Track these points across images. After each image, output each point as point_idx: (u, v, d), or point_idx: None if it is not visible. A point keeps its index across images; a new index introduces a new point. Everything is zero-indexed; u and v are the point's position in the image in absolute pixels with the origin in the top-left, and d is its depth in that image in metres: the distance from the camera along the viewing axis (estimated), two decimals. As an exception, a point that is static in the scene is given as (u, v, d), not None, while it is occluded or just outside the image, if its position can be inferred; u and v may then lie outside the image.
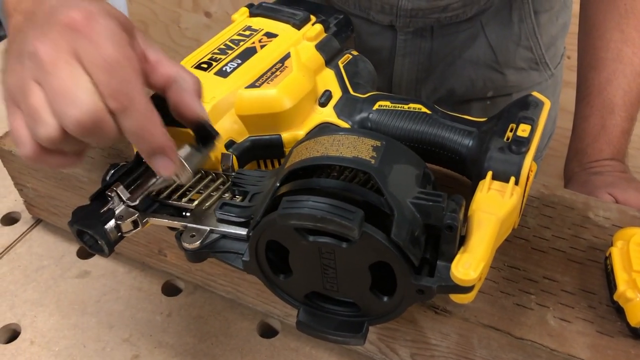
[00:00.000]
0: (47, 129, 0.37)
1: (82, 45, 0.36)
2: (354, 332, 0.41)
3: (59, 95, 0.36)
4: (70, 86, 0.36)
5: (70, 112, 0.36)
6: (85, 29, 0.36)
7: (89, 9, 0.37)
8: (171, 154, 0.40)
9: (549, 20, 0.74)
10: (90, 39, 0.36)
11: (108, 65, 0.36)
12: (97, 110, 0.36)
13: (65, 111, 0.36)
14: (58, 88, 0.36)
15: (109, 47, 0.36)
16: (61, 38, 0.36)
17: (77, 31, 0.36)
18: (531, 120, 0.44)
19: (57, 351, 0.55)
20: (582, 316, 0.43)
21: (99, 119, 0.36)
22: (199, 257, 0.43)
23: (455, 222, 0.36)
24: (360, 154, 0.38)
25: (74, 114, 0.35)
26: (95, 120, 0.36)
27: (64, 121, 0.36)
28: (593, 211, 0.51)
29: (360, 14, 0.71)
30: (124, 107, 0.36)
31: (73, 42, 0.36)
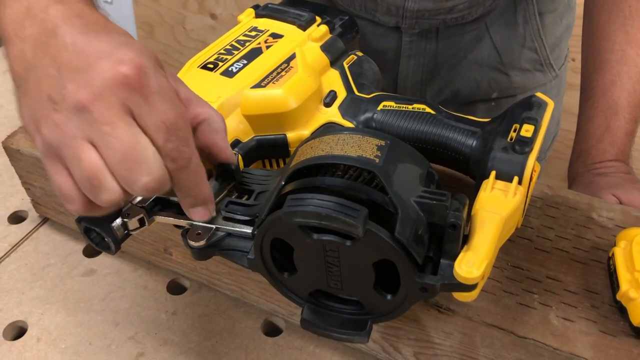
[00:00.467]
0: (111, 195, 0.35)
1: (137, 103, 0.34)
2: (358, 330, 0.41)
3: (128, 161, 0.34)
4: (136, 151, 0.34)
5: (140, 178, 0.34)
6: (138, 86, 0.34)
7: (138, 62, 0.34)
8: (211, 205, 0.41)
9: (554, 21, 0.74)
10: (145, 97, 0.34)
11: (168, 128, 0.35)
12: (165, 174, 0.36)
13: (137, 177, 0.34)
14: (123, 152, 0.34)
15: (166, 108, 0.35)
16: (111, 93, 0.34)
17: (129, 87, 0.34)
18: (535, 120, 0.44)
19: (63, 348, 0.55)
20: (585, 316, 0.44)
21: (165, 181, 0.36)
22: (204, 255, 0.44)
23: (458, 220, 0.36)
24: (365, 153, 0.39)
25: (145, 180, 0.35)
26: (163, 184, 0.36)
27: (133, 187, 0.35)
28: (596, 212, 0.52)
29: (366, 15, 0.72)
30: (181, 168, 0.36)
31: (126, 99, 0.34)
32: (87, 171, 0.35)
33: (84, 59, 0.35)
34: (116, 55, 0.34)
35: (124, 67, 0.34)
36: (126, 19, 1.87)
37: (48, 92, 0.35)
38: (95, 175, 0.35)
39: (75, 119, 0.34)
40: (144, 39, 1.89)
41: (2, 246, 0.64)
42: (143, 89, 0.34)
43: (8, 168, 0.66)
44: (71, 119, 0.34)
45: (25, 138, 0.61)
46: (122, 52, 0.35)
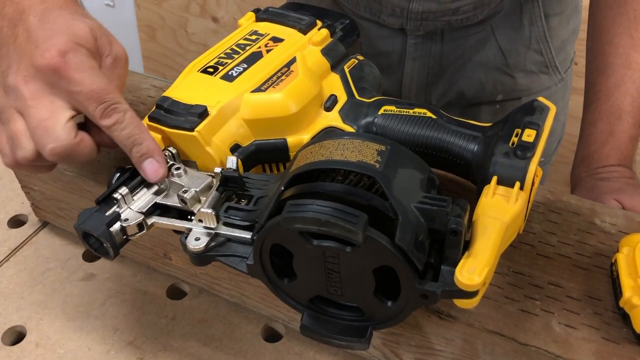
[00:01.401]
0: (25, 153, 0.44)
1: (65, 84, 0.43)
2: (358, 337, 0.41)
3: (39, 129, 0.43)
4: (49, 122, 0.43)
5: (47, 143, 0.43)
6: (61, 70, 0.42)
7: (60, 49, 0.43)
8: (159, 157, 0.45)
9: (560, 23, 0.74)
10: (70, 78, 0.43)
11: (95, 94, 0.43)
12: (71, 143, 0.43)
13: (44, 142, 0.43)
14: (39, 122, 0.43)
15: (90, 80, 0.43)
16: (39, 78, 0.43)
17: (56, 72, 0.42)
18: (536, 125, 0.43)
19: (62, 354, 0.55)
20: (588, 322, 0.43)
21: (72, 149, 0.43)
22: (203, 260, 0.43)
23: (459, 226, 0.36)
24: (365, 158, 0.38)
25: (51, 145, 0.43)
26: (69, 151, 0.43)
27: (43, 150, 0.43)
28: (599, 217, 0.51)
29: (371, 17, 0.71)
30: (117, 121, 0.44)
31: (52, 81, 0.43)
32: (11, 132, 0.44)
33: (29, 44, 0.44)
34: (45, 45, 0.43)
35: (47, 54, 0.42)
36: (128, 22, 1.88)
37: (3, 69, 0.45)
38: (15, 136, 0.44)
39: (11, 93, 0.44)
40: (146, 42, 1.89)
41: (2, 250, 0.64)
42: (65, 70, 0.42)
43: (8, 172, 0.66)
44: (8, 92, 0.44)
45: None
46: (55, 40, 0.43)
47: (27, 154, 0.44)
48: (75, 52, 0.43)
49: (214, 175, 0.46)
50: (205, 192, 0.45)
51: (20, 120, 0.44)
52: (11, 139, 0.44)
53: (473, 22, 0.70)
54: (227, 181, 0.44)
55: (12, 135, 0.44)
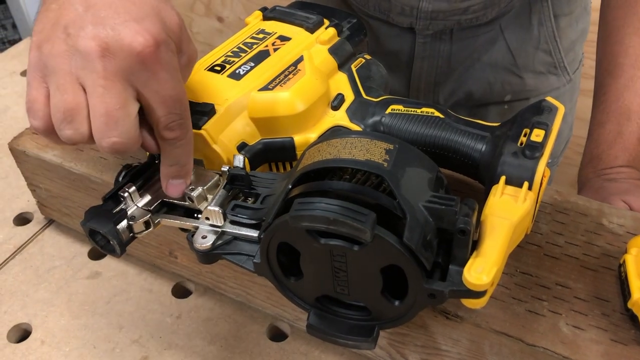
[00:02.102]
0: (75, 134, 0.38)
1: (147, 77, 0.38)
2: (365, 337, 0.41)
3: (110, 116, 0.37)
4: (122, 113, 0.38)
5: (113, 136, 0.38)
6: (151, 63, 0.37)
7: (157, 38, 0.37)
8: (188, 180, 0.43)
9: (569, 24, 0.74)
10: (155, 74, 0.38)
11: (172, 102, 0.39)
12: (136, 142, 0.39)
13: (110, 133, 0.38)
14: (112, 109, 0.37)
15: (173, 85, 0.39)
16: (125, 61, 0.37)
17: (142, 63, 0.37)
18: (545, 125, 0.43)
19: (67, 351, 0.55)
20: (596, 324, 0.43)
21: (132, 147, 0.39)
22: (210, 258, 0.43)
23: (468, 226, 0.35)
24: (373, 156, 0.38)
25: (114, 139, 0.38)
26: (128, 148, 0.39)
27: (102, 141, 0.38)
28: (607, 218, 0.51)
29: (380, 16, 0.71)
30: (177, 138, 0.40)
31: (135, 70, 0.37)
32: (67, 104, 0.38)
33: (112, 13, 0.37)
34: (142, 24, 0.37)
35: (143, 38, 0.37)
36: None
37: (66, 22, 0.38)
38: (72, 111, 0.38)
39: (78, 59, 0.37)
40: (151, 41, 1.89)
41: (8, 248, 0.64)
42: (155, 64, 0.37)
43: (14, 169, 0.66)
44: (74, 56, 0.37)
45: (32, 140, 0.61)
46: (148, 23, 0.37)
47: (76, 135, 0.38)
48: (167, 46, 0.38)
49: (220, 174, 0.46)
50: (212, 190, 0.44)
51: (82, 95, 0.38)
52: (63, 111, 0.38)
53: (482, 21, 0.69)
54: (234, 179, 0.44)
55: (66, 107, 0.38)
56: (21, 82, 0.86)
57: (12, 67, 0.89)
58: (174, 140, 0.40)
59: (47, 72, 0.38)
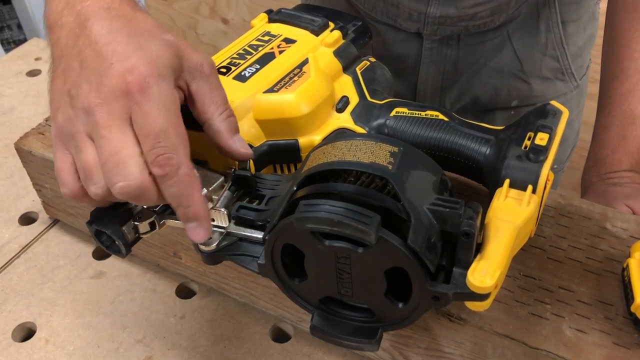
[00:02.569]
0: (98, 189, 0.39)
1: (135, 111, 0.38)
2: (368, 338, 0.41)
3: (109, 163, 0.37)
4: (121, 156, 0.37)
5: (117, 181, 0.37)
6: (138, 96, 0.37)
7: (142, 72, 0.38)
8: (205, 222, 0.40)
9: (576, 30, 0.74)
10: (141, 107, 0.37)
11: (156, 135, 0.37)
12: (143, 182, 0.38)
13: (114, 179, 0.37)
14: (110, 155, 0.37)
15: (158, 116, 0.38)
16: (116, 102, 0.38)
17: (130, 96, 0.37)
18: (549, 129, 0.43)
19: (72, 350, 0.55)
20: (599, 327, 0.43)
21: (143, 189, 0.38)
22: (214, 259, 0.43)
23: (472, 229, 0.36)
24: (378, 159, 0.39)
25: (119, 184, 0.37)
26: (140, 191, 0.38)
27: (112, 187, 0.38)
28: (610, 222, 0.51)
29: (387, 21, 0.71)
30: (167, 175, 0.38)
31: (127, 107, 0.38)
32: (83, 163, 0.39)
33: (101, 61, 0.38)
34: (126, 63, 0.38)
35: (129, 75, 0.38)
36: (138, 23, 1.88)
37: (69, 87, 0.39)
38: (88, 168, 0.39)
39: (82, 117, 0.39)
40: (156, 42, 1.90)
41: (13, 247, 0.64)
42: (141, 98, 0.37)
43: (20, 169, 0.66)
44: (79, 116, 0.39)
45: (37, 140, 0.62)
46: (133, 60, 0.38)
47: (99, 190, 0.39)
48: (156, 77, 0.38)
49: (225, 175, 0.46)
50: (217, 192, 0.45)
51: (92, 150, 0.39)
52: (83, 170, 0.39)
53: (490, 27, 0.69)
54: (239, 181, 0.44)
55: (84, 166, 0.39)
56: (27, 82, 0.86)
57: (18, 67, 0.89)
58: (164, 177, 0.38)
59: (66, 139, 0.40)
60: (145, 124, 0.37)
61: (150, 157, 0.38)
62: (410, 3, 0.68)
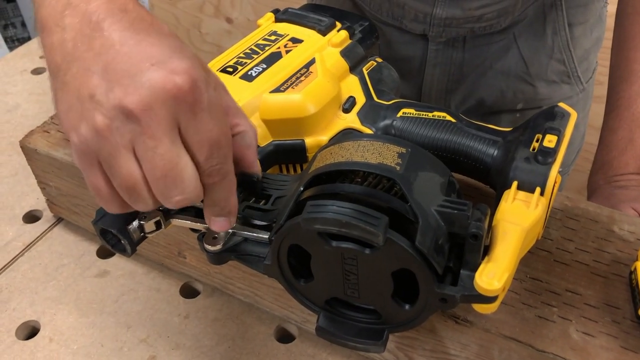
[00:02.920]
0: (146, 205, 0.36)
1: (187, 119, 0.34)
2: (374, 340, 0.41)
3: (167, 179, 0.34)
4: (175, 170, 0.34)
5: (174, 195, 0.35)
6: (192, 103, 0.34)
7: (192, 75, 0.33)
8: (233, 217, 0.40)
9: (583, 33, 0.73)
10: (195, 115, 0.34)
11: (211, 145, 0.35)
12: (198, 192, 0.36)
13: (171, 194, 0.35)
14: (162, 169, 0.34)
15: (212, 125, 0.35)
16: (164, 108, 0.33)
17: (183, 103, 0.33)
18: (558, 131, 0.43)
19: (75, 349, 0.55)
20: (606, 331, 0.43)
21: (198, 198, 0.36)
22: (220, 259, 0.43)
23: (480, 231, 0.35)
24: (385, 160, 0.38)
25: (178, 198, 0.35)
26: (195, 200, 0.36)
27: (166, 202, 0.36)
28: (618, 225, 0.51)
29: (393, 22, 0.71)
30: (217, 183, 0.37)
31: (177, 114, 0.33)
32: (126, 182, 0.35)
33: (134, 62, 0.34)
34: (170, 65, 0.33)
35: (178, 78, 0.33)
36: (142, 22, 1.88)
37: (91, 91, 0.34)
38: (134, 187, 0.35)
39: (120, 125, 0.33)
40: (160, 41, 1.90)
41: (17, 245, 0.64)
42: (194, 104, 0.34)
43: (24, 167, 0.66)
44: (115, 124, 0.33)
45: (42, 138, 0.61)
46: (176, 61, 0.34)
47: (147, 206, 0.36)
48: (205, 82, 0.34)
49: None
50: None
51: (135, 165, 0.34)
52: (128, 190, 0.35)
53: (496, 29, 0.69)
54: (245, 183, 0.44)
55: (126, 185, 0.35)
56: (31, 80, 0.86)
57: (23, 65, 0.89)
58: (212, 185, 0.36)
59: (96, 153, 0.35)
60: (199, 134, 0.34)
61: (204, 167, 0.35)
62: (416, 4, 0.68)
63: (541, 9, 0.70)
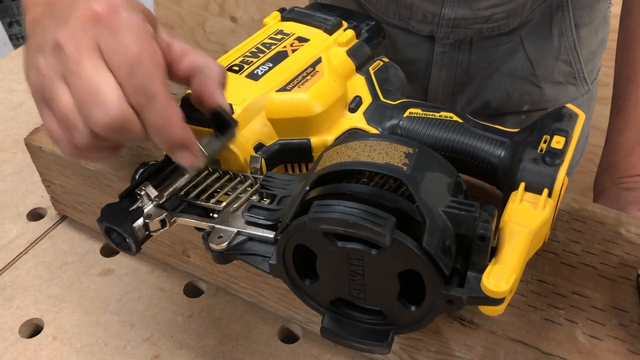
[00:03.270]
0: (81, 135, 0.37)
1: (104, 38, 0.36)
2: (379, 341, 0.41)
3: (85, 97, 0.35)
4: (96, 87, 0.35)
5: (97, 115, 0.35)
6: (108, 22, 0.36)
7: (111, 1, 0.36)
8: (191, 146, 0.39)
9: (589, 34, 0.73)
10: (113, 32, 0.36)
11: (130, 61, 0.35)
12: (123, 112, 0.36)
13: (92, 115, 0.35)
14: (84, 89, 0.35)
15: (131, 41, 0.36)
16: (82, 30, 0.36)
17: (99, 23, 0.36)
18: (565, 132, 0.43)
19: (79, 348, 0.55)
20: (613, 334, 0.42)
21: (125, 119, 0.36)
22: (225, 258, 0.43)
23: (487, 232, 0.35)
24: (392, 160, 0.38)
25: (101, 117, 0.35)
26: (122, 122, 0.36)
27: (91, 124, 0.36)
28: (625, 227, 0.50)
29: (400, 24, 0.71)
30: (145, 104, 0.36)
31: (95, 35, 0.36)
32: (61, 112, 0.36)
33: (69, 3, 0.37)
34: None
35: (96, 5, 0.36)
36: (147, 20, 1.88)
37: (38, 40, 0.38)
38: (67, 115, 0.36)
39: (52, 59, 0.36)
40: (164, 40, 1.90)
41: (21, 243, 0.64)
42: (110, 23, 0.36)
43: (29, 165, 0.66)
44: (49, 60, 0.36)
45: (47, 135, 0.61)
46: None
47: (83, 135, 0.37)
48: (129, 11, 0.36)
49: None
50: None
51: (67, 93, 0.36)
52: (62, 119, 0.37)
53: (504, 31, 0.69)
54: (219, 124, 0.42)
55: (61, 114, 0.36)
56: (36, 77, 0.86)
57: (28, 62, 0.89)
58: (143, 107, 0.36)
59: (43, 93, 0.38)
60: (117, 52, 0.35)
61: (127, 87, 0.36)
62: (424, 4, 0.68)
63: (548, 10, 0.70)
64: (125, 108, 0.36)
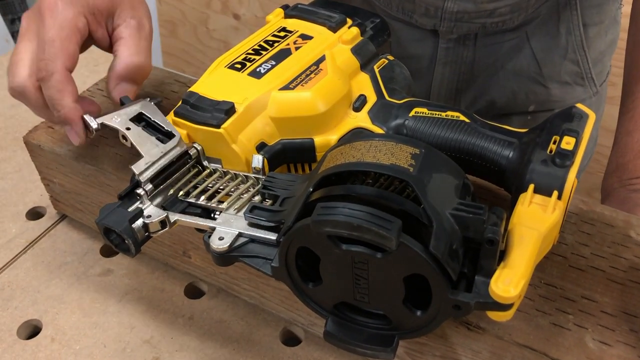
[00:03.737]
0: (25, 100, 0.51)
1: (37, 24, 0.49)
2: (384, 346, 0.40)
3: (10, 66, 0.49)
4: (16, 59, 0.49)
5: (9, 80, 0.50)
6: (44, 12, 0.48)
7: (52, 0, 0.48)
8: (75, 126, 0.49)
9: (598, 34, 0.72)
10: (43, 20, 0.48)
11: (43, 43, 0.47)
12: (25, 82, 0.48)
13: (8, 80, 0.50)
14: (13, 59, 0.49)
15: (51, 29, 0.47)
16: (31, 18, 0.50)
17: (40, 13, 0.48)
18: (576, 132, 0.42)
19: (78, 349, 0.54)
20: (624, 340, 0.41)
21: (25, 88, 0.49)
22: (226, 260, 0.42)
23: (496, 236, 0.34)
24: (398, 161, 0.37)
25: (10, 83, 0.50)
26: (22, 90, 0.49)
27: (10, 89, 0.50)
28: (634, 230, 0.49)
29: (403, 17, 0.70)
30: (43, 78, 0.47)
31: (36, 22, 0.49)
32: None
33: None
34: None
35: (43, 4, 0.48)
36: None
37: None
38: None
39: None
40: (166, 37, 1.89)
41: (20, 242, 0.63)
42: (46, 14, 0.48)
43: (28, 163, 0.65)
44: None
45: (46, 134, 0.60)
46: None
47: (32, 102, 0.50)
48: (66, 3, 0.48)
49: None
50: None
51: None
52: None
53: (508, 27, 0.67)
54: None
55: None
56: (37, 75, 0.85)
57: (28, 59, 0.88)
58: (41, 81, 0.48)
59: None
60: (40, 35, 0.48)
61: (36, 62, 0.48)
62: None
63: (555, 8, 0.68)
64: (27, 80, 0.48)
